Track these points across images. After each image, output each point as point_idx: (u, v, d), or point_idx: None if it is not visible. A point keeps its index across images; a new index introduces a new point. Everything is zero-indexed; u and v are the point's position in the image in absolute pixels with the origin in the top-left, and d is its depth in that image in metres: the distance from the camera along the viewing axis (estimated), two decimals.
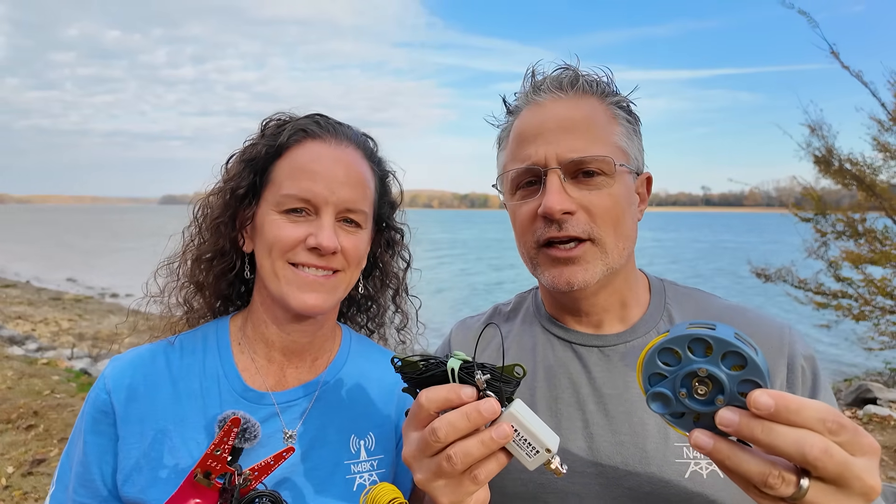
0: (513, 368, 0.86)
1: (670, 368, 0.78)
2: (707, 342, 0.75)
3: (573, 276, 1.16)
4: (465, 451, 0.82)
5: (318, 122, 1.25)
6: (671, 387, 0.78)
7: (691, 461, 1.11)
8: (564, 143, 1.15)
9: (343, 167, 1.20)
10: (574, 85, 1.21)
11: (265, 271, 1.20)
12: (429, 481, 0.87)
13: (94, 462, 1.16)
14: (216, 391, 1.20)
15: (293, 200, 1.17)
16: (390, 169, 1.40)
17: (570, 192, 1.15)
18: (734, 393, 0.74)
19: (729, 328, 0.77)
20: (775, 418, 0.69)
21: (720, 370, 0.74)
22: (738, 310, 1.26)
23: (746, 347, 0.73)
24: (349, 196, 1.19)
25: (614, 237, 1.17)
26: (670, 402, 0.78)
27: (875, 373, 10.08)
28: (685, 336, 0.76)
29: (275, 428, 1.20)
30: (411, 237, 1.50)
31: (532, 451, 0.85)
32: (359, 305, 1.51)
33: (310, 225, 1.17)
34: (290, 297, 1.17)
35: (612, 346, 1.24)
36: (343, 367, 1.33)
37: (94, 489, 1.16)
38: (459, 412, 0.82)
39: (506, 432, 0.83)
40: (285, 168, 1.20)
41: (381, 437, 1.29)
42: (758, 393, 0.70)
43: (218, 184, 1.29)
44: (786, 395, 0.69)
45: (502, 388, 0.85)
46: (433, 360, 0.89)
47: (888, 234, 8.90)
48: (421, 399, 0.86)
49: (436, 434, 0.82)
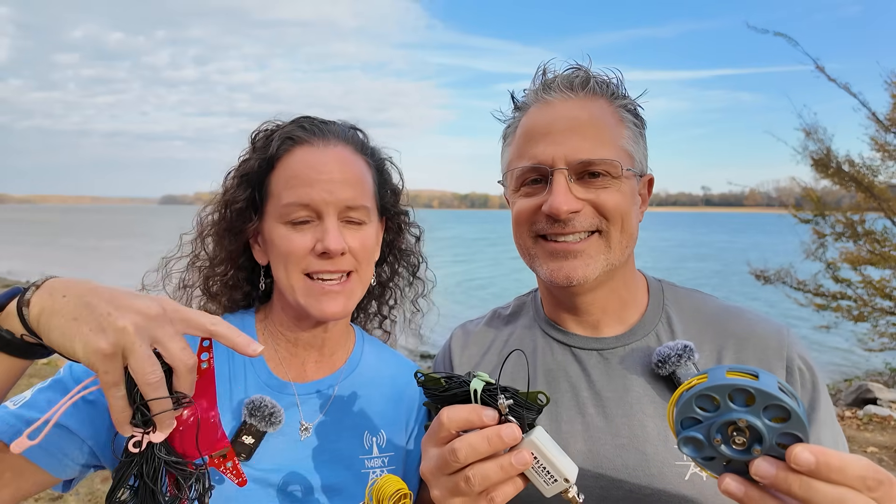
0: (536, 395, 0.86)
1: (707, 414, 0.76)
2: (749, 392, 0.73)
3: (573, 272, 1.16)
4: (483, 474, 0.83)
5: (303, 126, 1.25)
6: (706, 433, 0.76)
7: (691, 464, 1.10)
8: (572, 144, 1.15)
9: (336, 167, 1.20)
10: (585, 86, 1.21)
11: (283, 284, 1.22)
12: (445, 498, 0.88)
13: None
14: (242, 377, 1.23)
15: (294, 209, 1.18)
16: (386, 156, 1.39)
17: (576, 192, 1.16)
18: (773, 444, 0.72)
19: (772, 377, 0.75)
20: (814, 475, 0.68)
21: (761, 422, 0.72)
22: (736, 311, 1.26)
23: (790, 400, 0.71)
24: (348, 194, 1.20)
25: (620, 232, 1.17)
26: (703, 447, 0.77)
27: (875, 373, 10.09)
28: (727, 385, 0.74)
29: (293, 418, 1.22)
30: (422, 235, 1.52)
31: (550, 479, 0.85)
32: (372, 295, 1.53)
33: (315, 230, 1.19)
34: (310, 307, 1.20)
35: (611, 350, 1.24)
36: (358, 366, 1.36)
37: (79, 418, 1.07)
38: (480, 435, 0.83)
39: (525, 459, 0.83)
40: (280, 179, 1.21)
41: (391, 434, 1.31)
42: (799, 449, 0.69)
43: (217, 197, 1.31)
44: (827, 451, 0.68)
45: (524, 415, 0.85)
46: (455, 379, 0.90)
47: (887, 235, 8.91)
48: (442, 417, 0.86)
49: (455, 454, 0.83)
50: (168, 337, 0.80)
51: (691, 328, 1.24)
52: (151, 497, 0.86)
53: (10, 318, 0.83)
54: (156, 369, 0.78)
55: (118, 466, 0.86)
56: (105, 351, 0.76)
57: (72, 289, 0.82)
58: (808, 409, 1.14)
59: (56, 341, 0.80)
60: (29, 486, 1.02)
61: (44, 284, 0.84)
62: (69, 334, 0.78)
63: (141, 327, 0.78)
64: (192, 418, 0.89)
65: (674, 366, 1.13)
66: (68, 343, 0.79)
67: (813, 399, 1.15)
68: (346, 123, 1.33)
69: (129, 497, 0.86)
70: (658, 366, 1.16)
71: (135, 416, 0.81)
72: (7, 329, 0.83)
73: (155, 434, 0.83)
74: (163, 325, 0.80)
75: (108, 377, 0.78)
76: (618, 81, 1.25)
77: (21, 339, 0.83)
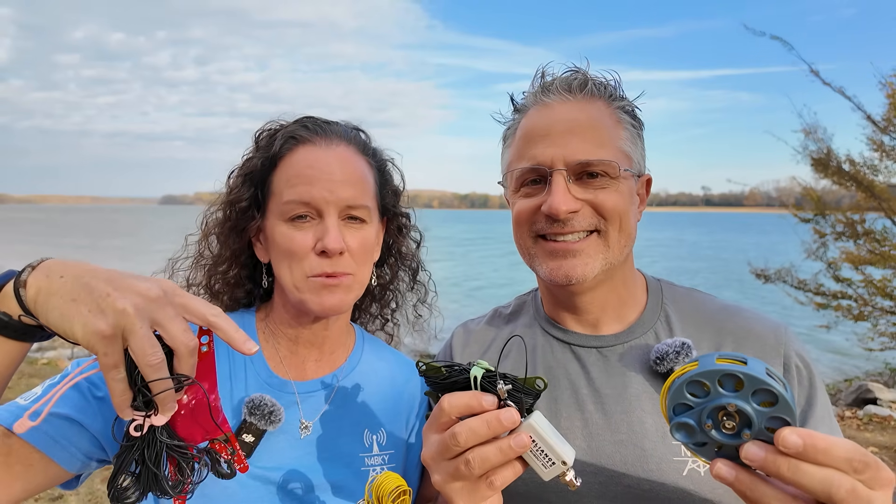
0: (534, 381, 0.88)
1: (697, 400, 0.78)
2: (738, 377, 0.74)
3: (572, 270, 1.18)
4: (482, 457, 0.85)
5: (306, 125, 1.26)
6: (697, 418, 0.78)
7: (689, 459, 1.12)
8: (571, 146, 1.16)
9: (338, 166, 1.21)
10: (583, 88, 1.23)
11: (284, 281, 1.23)
12: (446, 483, 0.89)
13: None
14: (242, 376, 1.23)
15: (295, 206, 1.19)
16: (387, 157, 1.40)
17: (575, 192, 1.17)
18: (762, 428, 0.74)
19: (760, 363, 0.76)
20: (802, 457, 0.70)
21: (750, 406, 0.74)
22: (734, 309, 1.27)
23: (777, 385, 0.73)
24: (349, 194, 1.20)
25: (618, 231, 1.19)
26: (694, 433, 0.79)
27: (875, 373, 10.09)
28: (716, 371, 0.75)
29: (293, 416, 1.23)
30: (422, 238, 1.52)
31: (548, 462, 0.87)
32: (373, 296, 1.54)
33: (316, 229, 1.20)
34: (310, 302, 1.21)
35: (610, 347, 1.25)
36: (357, 364, 1.37)
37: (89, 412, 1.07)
38: (480, 419, 0.85)
39: (524, 442, 0.84)
40: (282, 177, 1.22)
41: (391, 432, 1.32)
42: (787, 432, 0.70)
43: (221, 197, 1.32)
44: (814, 434, 0.70)
45: (523, 399, 0.87)
46: (456, 367, 0.91)
47: (887, 234, 8.91)
48: (443, 403, 0.88)
49: (456, 438, 0.85)
50: (169, 318, 0.79)
51: (689, 326, 1.25)
52: (154, 482, 0.84)
53: (7, 299, 0.81)
54: (157, 350, 0.77)
55: (119, 452, 0.85)
56: (105, 332, 0.75)
57: (69, 269, 0.81)
58: (805, 407, 1.15)
59: (54, 322, 0.79)
60: (40, 479, 1.02)
61: (40, 265, 0.83)
62: (68, 315, 0.77)
63: (141, 308, 0.77)
64: (193, 402, 0.87)
65: (672, 363, 1.14)
66: (67, 324, 0.77)
67: (810, 396, 1.16)
68: (348, 124, 1.34)
69: (131, 483, 0.85)
70: (656, 363, 1.17)
71: (135, 399, 0.80)
72: (3, 311, 0.81)
73: (157, 417, 0.81)
74: (163, 307, 0.79)
75: (108, 359, 0.77)
76: (615, 83, 1.27)
77: (19, 321, 0.82)
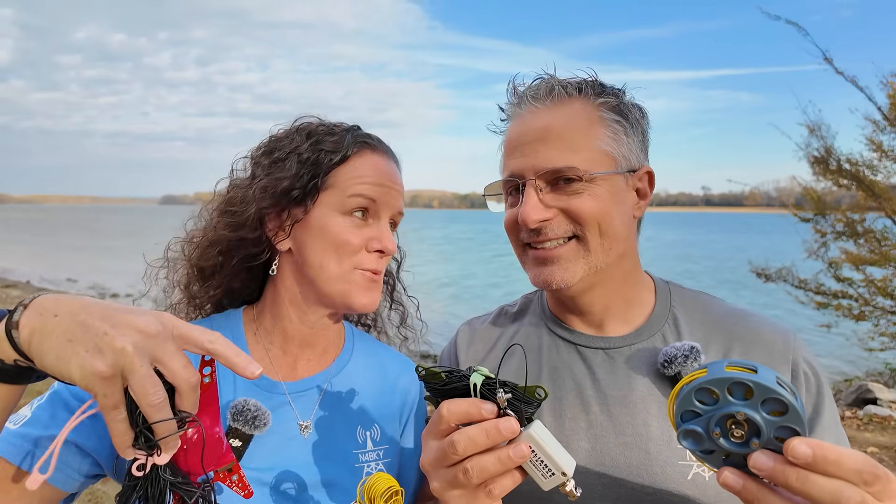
0: (535, 389, 0.87)
1: (706, 407, 0.77)
2: (748, 386, 0.74)
3: (551, 276, 1.19)
4: (481, 466, 0.84)
5: (370, 135, 1.34)
6: (705, 426, 0.77)
7: (694, 463, 1.11)
8: (540, 155, 1.17)
9: (396, 178, 1.32)
10: (550, 94, 1.22)
11: (326, 272, 1.22)
12: (444, 490, 0.89)
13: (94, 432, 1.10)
14: (230, 378, 1.22)
15: (361, 200, 1.23)
16: None
17: (549, 201, 1.18)
18: (770, 438, 0.73)
19: (771, 371, 0.76)
20: (811, 468, 0.69)
21: (759, 415, 0.73)
22: (742, 314, 1.26)
23: (787, 394, 0.72)
24: (400, 204, 1.32)
25: (598, 236, 1.18)
26: (702, 440, 0.78)
27: (875, 373, 10.09)
28: (726, 379, 0.75)
29: (288, 417, 1.23)
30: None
31: (548, 472, 0.86)
32: None
33: (370, 229, 1.26)
34: (354, 297, 1.24)
35: (616, 349, 1.25)
36: (349, 360, 1.37)
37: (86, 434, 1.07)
38: (479, 428, 0.84)
39: (523, 452, 0.84)
40: (350, 173, 1.25)
41: (385, 427, 1.33)
42: (796, 442, 0.70)
43: (257, 177, 1.27)
44: (824, 445, 0.69)
45: (523, 409, 0.86)
46: (456, 373, 0.91)
47: (887, 234, 8.90)
48: (442, 410, 0.87)
49: (454, 447, 0.84)
50: (169, 355, 0.76)
51: (698, 330, 1.24)
52: None
53: (0, 342, 0.76)
54: (158, 390, 0.74)
55: (122, 491, 0.83)
56: (104, 373, 0.72)
57: (63, 307, 0.77)
58: (813, 414, 1.14)
59: (50, 365, 0.75)
60: (36, 501, 1.01)
61: (32, 303, 0.78)
62: (64, 357, 0.73)
63: (141, 346, 0.74)
64: (195, 436, 0.85)
65: (680, 366, 1.13)
66: (63, 366, 0.73)
67: (817, 403, 1.15)
68: None
69: None
70: (664, 366, 1.16)
71: (137, 440, 0.77)
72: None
73: (160, 457, 0.79)
74: (163, 343, 0.76)
75: (108, 400, 0.73)
76: (592, 81, 1.25)
77: (14, 365, 0.77)
